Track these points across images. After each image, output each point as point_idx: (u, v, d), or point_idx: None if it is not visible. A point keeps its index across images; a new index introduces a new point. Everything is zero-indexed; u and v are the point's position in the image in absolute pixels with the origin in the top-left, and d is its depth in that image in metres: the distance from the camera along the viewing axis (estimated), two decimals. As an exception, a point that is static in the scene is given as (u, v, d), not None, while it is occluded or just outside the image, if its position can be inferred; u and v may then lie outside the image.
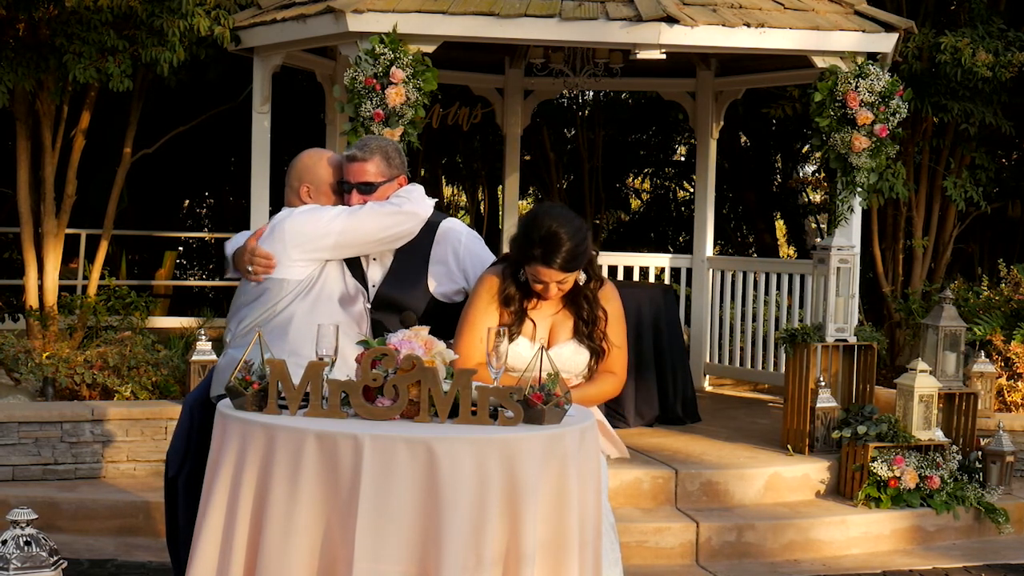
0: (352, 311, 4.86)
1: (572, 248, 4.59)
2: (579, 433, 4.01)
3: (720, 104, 11.35)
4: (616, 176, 19.06)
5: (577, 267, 4.65)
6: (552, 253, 4.58)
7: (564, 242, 4.59)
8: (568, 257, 4.59)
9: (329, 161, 5.10)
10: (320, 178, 5.05)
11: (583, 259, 4.66)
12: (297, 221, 4.83)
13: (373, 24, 7.95)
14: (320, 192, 5.03)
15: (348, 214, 4.82)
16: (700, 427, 9.14)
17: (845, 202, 8.49)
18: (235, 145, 13.90)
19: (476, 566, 3.68)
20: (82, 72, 8.68)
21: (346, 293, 4.87)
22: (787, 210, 19.42)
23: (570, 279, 4.67)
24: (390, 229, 4.85)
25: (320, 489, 3.75)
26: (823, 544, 7.46)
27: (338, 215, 4.83)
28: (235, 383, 4.00)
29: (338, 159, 5.10)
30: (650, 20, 8.03)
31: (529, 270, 4.65)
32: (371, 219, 4.82)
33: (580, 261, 4.64)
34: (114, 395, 8.08)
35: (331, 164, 5.08)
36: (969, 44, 9.90)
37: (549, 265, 4.60)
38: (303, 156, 5.16)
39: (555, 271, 4.60)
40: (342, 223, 4.80)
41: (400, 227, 4.86)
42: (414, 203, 4.90)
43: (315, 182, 5.04)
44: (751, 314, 10.79)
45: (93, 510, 7.24)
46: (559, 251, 4.58)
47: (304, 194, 5.04)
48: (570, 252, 4.59)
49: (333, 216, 4.83)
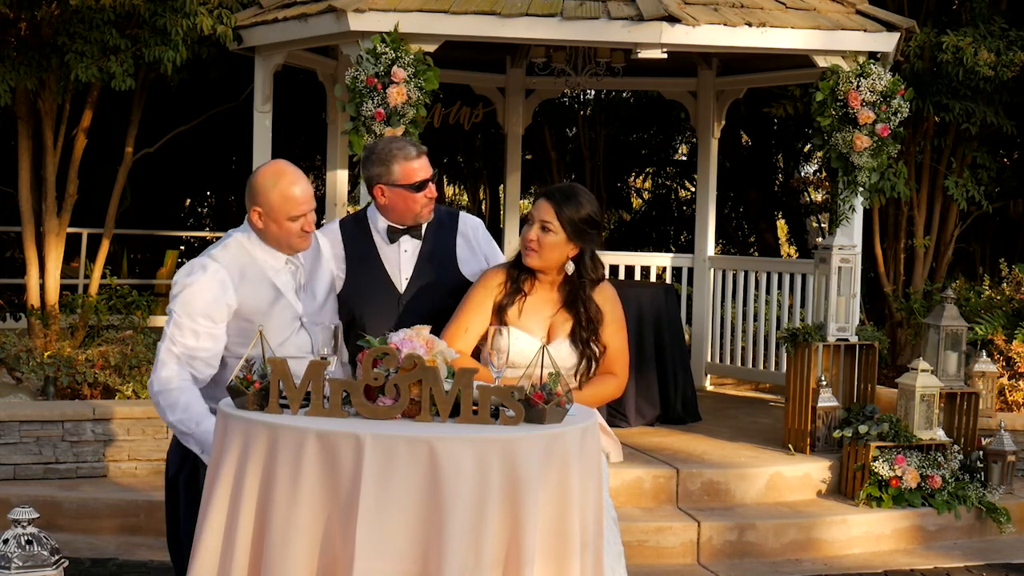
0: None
1: (581, 208, 4.62)
2: (580, 432, 4.01)
3: (722, 103, 11.35)
4: (617, 175, 19.09)
5: (570, 226, 4.60)
6: (560, 195, 4.65)
7: (579, 199, 4.65)
8: (571, 208, 4.61)
9: (290, 187, 4.57)
10: (275, 207, 4.57)
11: (580, 231, 4.62)
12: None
13: (374, 23, 7.95)
14: (272, 220, 4.59)
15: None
16: (701, 426, 9.14)
17: (847, 201, 8.49)
18: (237, 144, 13.91)
19: (477, 566, 3.68)
20: (84, 71, 8.68)
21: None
22: (788, 209, 19.44)
23: (553, 238, 4.61)
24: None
25: (321, 488, 3.75)
26: (824, 543, 7.46)
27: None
28: (236, 382, 4.00)
29: (301, 191, 4.58)
30: (651, 19, 8.03)
31: (531, 209, 4.71)
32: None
33: (576, 227, 4.61)
34: (115, 394, 8.09)
35: (291, 193, 4.56)
36: (971, 43, 9.90)
37: (548, 199, 4.64)
38: (260, 173, 4.66)
39: (549, 207, 4.61)
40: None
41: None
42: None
43: (269, 210, 4.58)
44: (752, 313, 10.79)
45: (94, 509, 7.24)
46: (568, 198, 4.63)
47: (256, 219, 4.62)
48: (576, 207, 4.62)
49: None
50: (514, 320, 4.63)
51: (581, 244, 4.67)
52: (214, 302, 4.54)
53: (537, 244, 4.64)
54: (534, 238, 4.64)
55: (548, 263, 4.67)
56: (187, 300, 4.54)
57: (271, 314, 4.64)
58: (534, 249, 4.64)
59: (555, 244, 4.63)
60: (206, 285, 4.55)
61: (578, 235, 4.64)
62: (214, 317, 4.55)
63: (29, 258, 9.68)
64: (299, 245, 4.69)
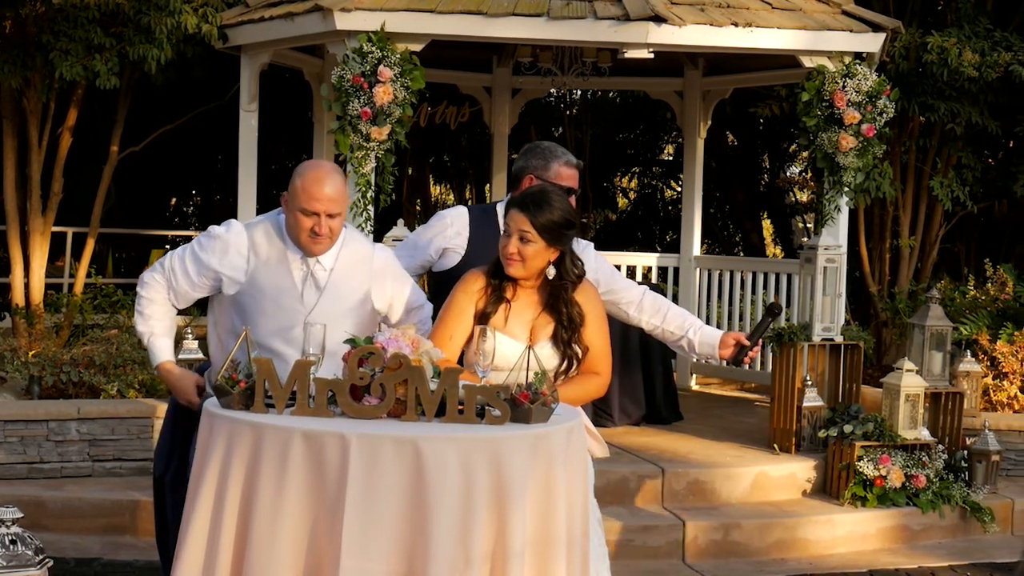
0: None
1: (552, 212, 4.61)
2: (566, 432, 4.02)
3: (708, 103, 11.37)
4: (604, 175, 19.09)
5: (547, 233, 4.58)
6: (532, 203, 4.63)
7: (551, 203, 4.63)
8: (544, 215, 4.59)
9: (314, 182, 4.59)
10: (294, 195, 4.61)
11: (557, 235, 4.61)
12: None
13: (361, 22, 7.94)
14: (289, 209, 4.64)
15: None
16: (687, 426, 9.15)
17: (832, 201, 8.50)
18: (222, 143, 13.87)
19: (464, 565, 3.68)
20: (69, 70, 8.66)
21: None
22: (774, 209, 19.46)
23: (533, 247, 4.60)
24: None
25: (307, 488, 3.75)
26: (809, 543, 7.47)
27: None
28: (222, 381, 4.00)
29: (328, 189, 4.59)
30: (638, 19, 8.04)
31: (506, 220, 4.69)
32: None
33: (553, 232, 4.60)
34: (100, 394, 8.06)
35: (313, 187, 4.58)
36: (956, 44, 9.92)
37: (522, 210, 4.62)
38: (304, 163, 4.75)
39: (524, 218, 4.59)
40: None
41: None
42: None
43: (291, 196, 4.62)
44: (738, 313, 10.80)
45: (79, 509, 7.22)
46: (540, 206, 4.61)
47: (283, 203, 4.69)
48: (549, 212, 4.60)
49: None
50: (499, 327, 4.62)
51: (560, 247, 4.67)
52: (209, 266, 4.74)
53: (519, 255, 4.63)
54: (514, 251, 4.62)
55: (531, 271, 4.66)
56: (199, 245, 4.79)
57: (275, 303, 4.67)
58: (517, 260, 4.64)
59: (536, 252, 4.63)
60: (217, 247, 4.74)
61: (556, 239, 4.64)
62: (200, 273, 4.77)
63: (14, 257, 9.65)
64: (307, 244, 4.66)
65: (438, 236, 5.44)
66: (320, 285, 4.69)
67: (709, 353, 5.25)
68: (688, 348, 5.30)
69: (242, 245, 4.68)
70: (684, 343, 5.30)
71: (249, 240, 4.69)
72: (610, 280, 5.32)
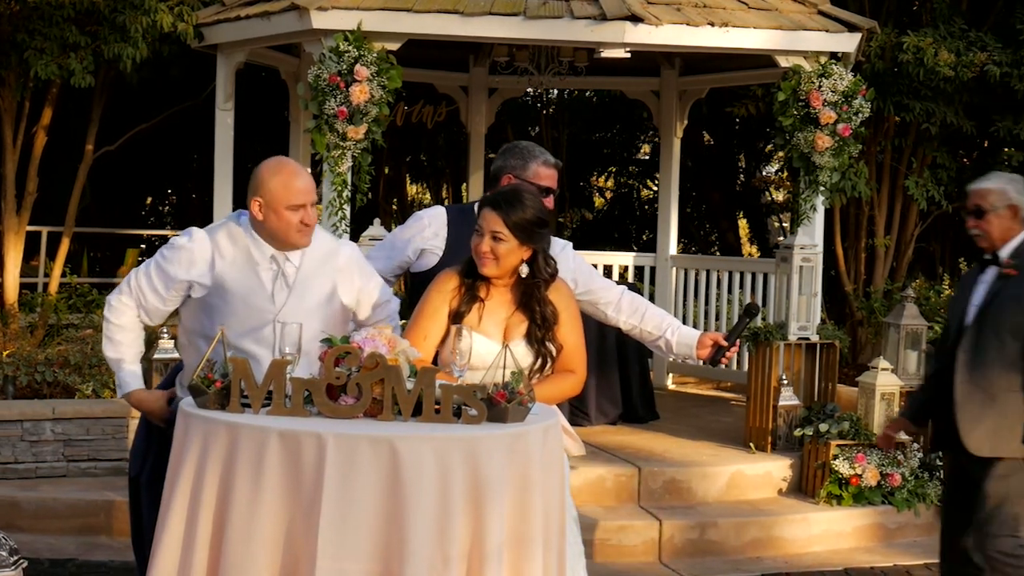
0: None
1: (525, 211, 4.61)
2: (542, 431, 4.02)
3: (684, 103, 11.38)
4: (580, 174, 19.09)
5: (520, 232, 4.58)
6: (504, 202, 4.63)
7: (523, 201, 4.64)
8: (517, 213, 4.59)
9: (292, 177, 4.59)
10: (275, 196, 4.55)
11: (530, 233, 4.61)
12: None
13: (337, 21, 7.93)
14: (272, 210, 4.56)
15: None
16: (663, 425, 9.17)
17: (808, 201, 8.52)
18: (198, 142, 13.85)
19: (442, 564, 3.68)
20: (44, 68, 8.63)
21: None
22: (750, 209, 19.51)
23: (505, 245, 4.60)
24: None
25: (283, 487, 3.74)
26: (785, 541, 7.49)
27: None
28: (198, 381, 3.98)
29: (303, 183, 4.61)
30: (614, 19, 8.05)
31: (478, 219, 4.68)
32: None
33: (526, 231, 4.59)
34: (75, 393, 8.03)
35: (292, 183, 4.57)
36: (931, 44, 9.96)
37: (495, 208, 4.62)
38: (264, 166, 4.65)
39: (497, 216, 4.59)
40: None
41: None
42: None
43: (269, 200, 4.55)
44: (714, 312, 10.82)
45: (54, 509, 7.19)
46: (512, 204, 4.61)
47: (256, 209, 4.58)
48: (521, 211, 4.60)
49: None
50: (473, 326, 4.61)
51: (533, 245, 4.67)
52: (177, 276, 4.67)
53: (492, 254, 4.62)
54: (487, 250, 4.61)
55: (504, 270, 4.66)
56: (163, 257, 4.72)
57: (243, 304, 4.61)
58: (490, 259, 4.64)
59: (508, 251, 4.62)
60: (183, 257, 4.67)
61: (529, 238, 4.63)
62: (167, 286, 4.70)
63: (-12, 256, 9.62)
64: (297, 239, 4.65)
65: (416, 237, 5.43)
66: (290, 283, 4.67)
67: (687, 353, 5.26)
68: (666, 348, 5.31)
69: (206, 251, 4.64)
70: (662, 343, 5.31)
71: (212, 244, 4.65)
72: (589, 280, 5.33)
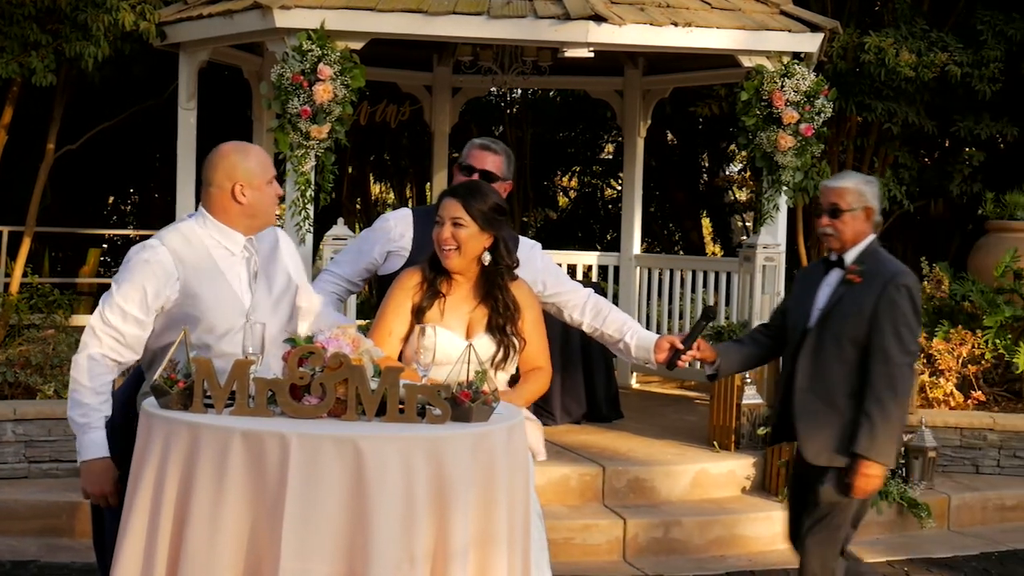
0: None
1: (485, 197, 4.73)
2: (507, 431, 4.02)
3: (648, 103, 11.41)
4: (544, 174, 19.10)
5: (480, 217, 4.67)
6: (463, 190, 4.76)
7: (481, 189, 4.79)
8: (476, 199, 4.69)
9: (260, 154, 4.58)
10: (253, 173, 4.52)
11: (489, 218, 4.70)
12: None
13: (300, 20, 7.91)
14: (255, 188, 4.51)
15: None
16: (627, 424, 9.18)
17: (771, 200, 8.56)
18: (160, 141, 13.76)
19: (408, 565, 3.68)
20: (4, 67, 8.58)
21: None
22: (713, 208, 19.57)
23: (466, 231, 4.65)
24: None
25: (246, 488, 3.72)
26: (749, 540, 7.51)
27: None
28: (160, 381, 3.96)
29: (268, 157, 4.68)
30: (578, 18, 8.06)
31: (438, 211, 4.76)
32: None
33: (486, 215, 4.69)
34: (37, 394, 7.98)
35: (263, 157, 4.59)
36: (893, 44, 10.02)
37: (454, 196, 4.73)
38: (227, 151, 4.56)
39: (456, 203, 4.69)
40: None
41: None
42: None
43: (249, 179, 4.50)
44: (678, 311, 10.85)
45: (15, 511, 7.14)
46: (472, 192, 4.74)
47: (239, 193, 4.49)
48: (481, 197, 4.71)
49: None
50: (436, 321, 4.65)
51: (494, 232, 4.73)
52: (154, 292, 4.44)
53: (453, 240, 4.68)
54: (448, 236, 4.69)
55: (467, 258, 4.70)
56: (128, 281, 4.45)
57: (216, 306, 4.51)
58: (451, 247, 4.67)
59: (470, 237, 4.68)
60: (150, 272, 4.45)
61: (489, 224, 4.71)
62: (148, 305, 4.45)
63: (-52, 256, 9.55)
64: (273, 213, 4.67)
65: (382, 239, 5.45)
66: (256, 276, 4.65)
67: (645, 357, 5.32)
68: (625, 351, 5.36)
69: (168, 262, 4.49)
70: (622, 346, 5.36)
71: (171, 252, 4.53)
72: (557, 283, 5.36)
